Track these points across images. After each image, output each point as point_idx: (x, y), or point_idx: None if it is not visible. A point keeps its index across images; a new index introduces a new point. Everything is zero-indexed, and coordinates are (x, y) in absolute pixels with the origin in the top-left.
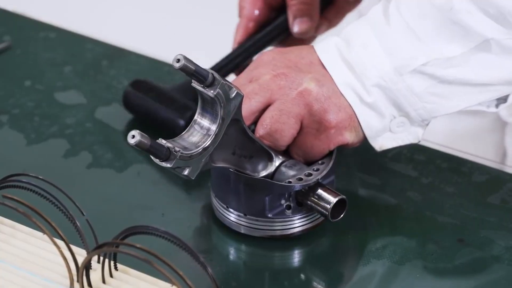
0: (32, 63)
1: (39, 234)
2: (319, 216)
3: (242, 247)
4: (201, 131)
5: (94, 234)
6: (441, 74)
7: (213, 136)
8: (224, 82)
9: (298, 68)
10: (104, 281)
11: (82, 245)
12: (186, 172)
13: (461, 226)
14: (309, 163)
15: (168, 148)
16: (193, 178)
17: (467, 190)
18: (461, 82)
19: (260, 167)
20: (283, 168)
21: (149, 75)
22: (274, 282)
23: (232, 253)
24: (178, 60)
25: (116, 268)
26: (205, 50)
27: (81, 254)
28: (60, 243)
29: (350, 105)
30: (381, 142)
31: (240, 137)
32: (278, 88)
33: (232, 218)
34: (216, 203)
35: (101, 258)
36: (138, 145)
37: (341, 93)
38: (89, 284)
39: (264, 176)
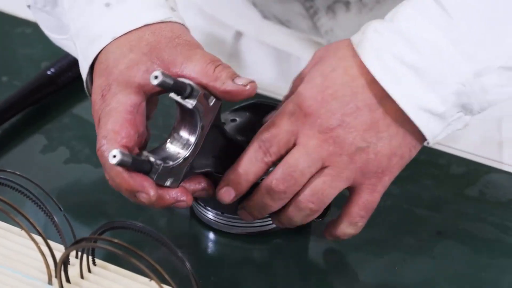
0: (9, 59)
1: (17, 230)
2: None
3: (220, 242)
4: (180, 141)
5: (72, 230)
6: None
7: (193, 146)
8: (202, 92)
9: (345, 124)
10: (82, 277)
11: (60, 240)
12: (168, 184)
13: (439, 218)
14: None
15: (150, 161)
16: (177, 186)
17: (445, 183)
18: None
19: None
20: None
21: None
22: (253, 276)
23: (210, 247)
24: (156, 77)
25: (94, 263)
26: None
27: (59, 250)
28: (38, 238)
29: (406, 133)
30: (436, 139)
31: (220, 141)
32: (328, 155)
33: (210, 216)
34: (193, 202)
35: (79, 253)
36: (120, 163)
37: (393, 131)
38: (68, 279)
39: None
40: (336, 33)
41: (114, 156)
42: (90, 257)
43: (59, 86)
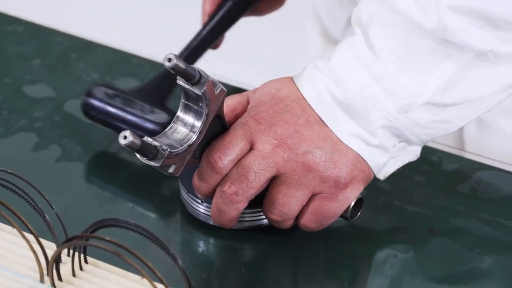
0: (0, 57)
1: (8, 228)
2: None
3: (212, 239)
4: (185, 127)
5: (63, 228)
6: (443, 100)
7: (198, 133)
8: (210, 79)
9: (298, 134)
10: (74, 275)
11: (52, 238)
12: (171, 170)
13: (431, 215)
14: None
15: (155, 146)
16: (177, 176)
17: (437, 179)
18: (462, 101)
19: None
20: None
21: (118, 67)
22: (244, 273)
23: (202, 245)
24: (170, 60)
25: (86, 261)
26: (171, 40)
27: (51, 248)
28: (30, 237)
29: (357, 154)
30: (384, 171)
31: (219, 130)
32: (283, 161)
33: (201, 210)
34: (185, 195)
35: (71, 251)
36: (130, 146)
37: (346, 145)
38: (59, 277)
39: None
40: None
41: (125, 137)
42: (82, 255)
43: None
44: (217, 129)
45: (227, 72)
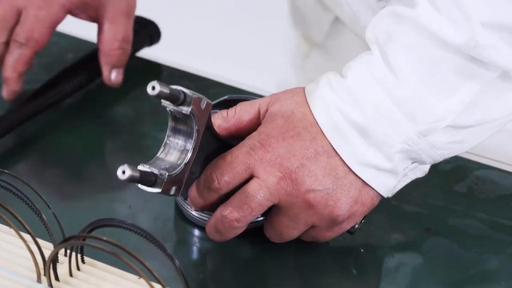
0: None
1: (5, 228)
2: None
3: (209, 239)
4: (178, 148)
5: (60, 228)
6: (462, 122)
7: (191, 150)
8: (195, 96)
9: (304, 168)
10: (71, 274)
11: (49, 238)
12: (172, 192)
13: (428, 215)
14: None
15: (153, 173)
16: (179, 195)
17: (434, 179)
18: (481, 122)
19: None
20: None
21: None
22: (241, 273)
23: (199, 245)
24: (153, 88)
25: (83, 261)
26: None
27: (48, 248)
28: (27, 237)
29: (364, 185)
30: (393, 191)
31: (211, 142)
32: (286, 194)
33: (194, 214)
34: (180, 200)
35: (68, 251)
36: (130, 179)
37: (352, 178)
38: (56, 277)
39: None
40: None
41: (124, 172)
42: (79, 255)
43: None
44: (209, 141)
45: (223, 71)
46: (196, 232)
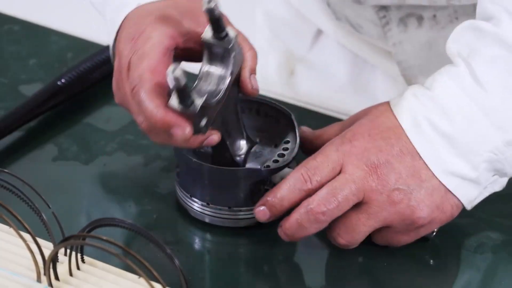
0: None
1: (5, 227)
2: None
3: (208, 238)
4: (214, 80)
5: (60, 227)
6: None
7: (224, 91)
8: (238, 35)
9: (389, 165)
10: (71, 274)
11: (49, 238)
12: (203, 123)
13: None
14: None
15: (191, 96)
16: (205, 132)
17: None
18: None
19: (235, 146)
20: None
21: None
22: (241, 272)
23: (199, 244)
24: (209, 1)
25: (83, 261)
26: None
27: (47, 247)
28: (27, 236)
29: (447, 192)
30: (474, 203)
31: (231, 110)
32: (370, 190)
33: (196, 208)
34: (180, 193)
35: (68, 250)
36: (177, 80)
37: (435, 183)
38: (56, 277)
39: (238, 161)
40: (404, 47)
41: (174, 70)
42: (78, 255)
43: (69, 96)
44: (233, 99)
45: None
46: (196, 232)
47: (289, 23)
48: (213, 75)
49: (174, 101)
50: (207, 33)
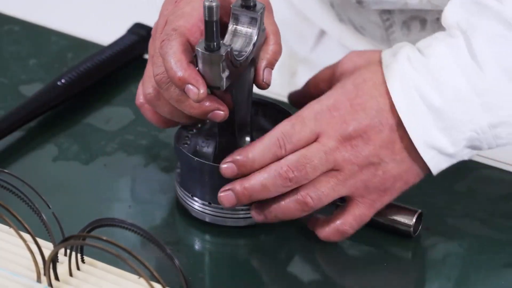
0: None
1: (5, 227)
2: None
3: (208, 238)
4: (239, 43)
5: (60, 227)
6: None
7: (250, 51)
8: (264, 6)
9: (366, 136)
10: (71, 274)
11: (49, 238)
12: (225, 75)
13: (427, 214)
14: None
15: (220, 41)
16: (223, 88)
17: (434, 178)
18: None
19: (241, 142)
20: None
21: None
22: (241, 272)
23: (199, 244)
24: None
25: (83, 261)
26: None
27: (47, 248)
28: (27, 236)
29: (415, 161)
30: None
31: (248, 84)
32: (342, 159)
33: (196, 207)
34: (180, 192)
35: (68, 251)
36: (210, 9)
37: (407, 155)
38: (56, 277)
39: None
40: None
41: (210, 1)
42: (79, 255)
43: (69, 96)
44: (249, 83)
45: None
46: (196, 232)
47: (291, 24)
48: (238, 39)
49: (201, 44)
50: (237, 1)
